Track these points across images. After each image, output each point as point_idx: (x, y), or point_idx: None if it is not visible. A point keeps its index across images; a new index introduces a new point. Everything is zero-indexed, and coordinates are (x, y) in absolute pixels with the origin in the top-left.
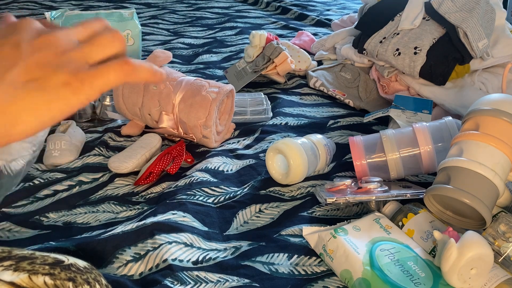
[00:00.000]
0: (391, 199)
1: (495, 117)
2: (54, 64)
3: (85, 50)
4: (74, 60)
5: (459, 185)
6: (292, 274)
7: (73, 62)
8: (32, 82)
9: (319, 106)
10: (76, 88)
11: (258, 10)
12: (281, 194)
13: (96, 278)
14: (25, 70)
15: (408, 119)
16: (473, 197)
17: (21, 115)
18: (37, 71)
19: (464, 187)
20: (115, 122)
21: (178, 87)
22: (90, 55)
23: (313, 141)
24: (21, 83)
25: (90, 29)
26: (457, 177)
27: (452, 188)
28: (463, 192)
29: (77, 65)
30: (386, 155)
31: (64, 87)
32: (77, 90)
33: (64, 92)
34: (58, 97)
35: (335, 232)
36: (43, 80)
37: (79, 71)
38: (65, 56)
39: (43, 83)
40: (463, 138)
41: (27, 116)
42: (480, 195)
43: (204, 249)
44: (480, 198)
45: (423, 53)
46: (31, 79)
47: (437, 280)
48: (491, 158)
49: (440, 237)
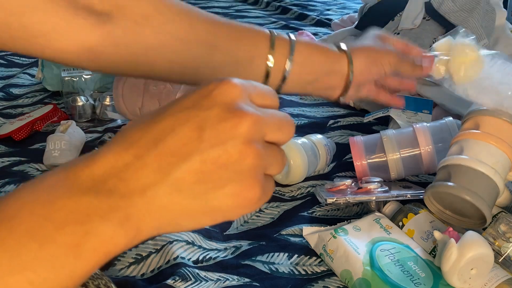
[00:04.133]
0: (391, 199)
1: (495, 117)
2: (237, 170)
3: (271, 152)
4: (256, 165)
5: (460, 183)
6: (292, 273)
7: (255, 167)
8: (200, 187)
9: (319, 106)
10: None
11: (258, 10)
12: (281, 194)
13: (106, 284)
14: (198, 169)
15: (409, 119)
16: (474, 194)
17: (176, 220)
18: (211, 173)
19: (465, 185)
20: (115, 122)
21: (178, 87)
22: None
23: (313, 141)
24: (187, 185)
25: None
26: (458, 174)
27: (453, 185)
28: (464, 189)
29: (256, 172)
30: (387, 155)
31: (233, 198)
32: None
33: (230, 204)
34: (220, 209)
35: (335, 232)
36: (213, 187)
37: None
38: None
39: (213, 191)
40: (463, 137)
41: (182, 221)
42: (481, 193)
43: (205, 249)
44: (480, 195)
45: None
46: (200, 182)
47: (437, 280)
48: (491, 156)
49: (441, 237)
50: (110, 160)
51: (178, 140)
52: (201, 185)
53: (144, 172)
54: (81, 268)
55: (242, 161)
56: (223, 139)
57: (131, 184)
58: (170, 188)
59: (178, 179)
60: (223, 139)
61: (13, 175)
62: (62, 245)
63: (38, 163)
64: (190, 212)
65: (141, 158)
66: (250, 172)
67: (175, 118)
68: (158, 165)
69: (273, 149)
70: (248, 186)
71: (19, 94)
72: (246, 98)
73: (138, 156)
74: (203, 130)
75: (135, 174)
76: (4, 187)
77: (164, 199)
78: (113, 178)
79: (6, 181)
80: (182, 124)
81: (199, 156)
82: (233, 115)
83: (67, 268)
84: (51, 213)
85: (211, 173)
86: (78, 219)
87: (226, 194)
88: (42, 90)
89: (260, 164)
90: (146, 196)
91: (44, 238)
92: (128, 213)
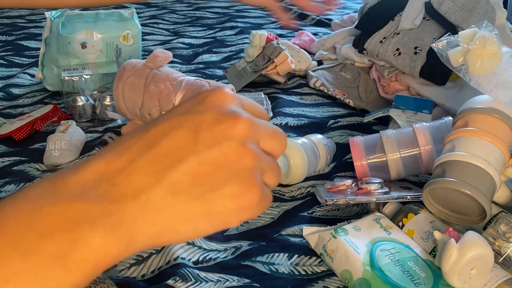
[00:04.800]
0: (391, 201)
1: (484, 114)
2: (234, 169)
3: (266, 158)
4: (253, 165)
5: (455, 177)
6: (292, 274)
7: (252, 168)
8: (197, 189)
9: (319, 106)
10: (249, 204)
11: (258, 10)
12: (281, 194)
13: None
14: (194, 171)
15: (408, 119)
16: (469, 185)
17: (172, 226)
18: (208, 174)
19: (459, 178)
20: (115, 122)
21: (178, 87)
22: (264, 164)
23: (313, 141)
24: (184, 187)
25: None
26: (452, 170)
27: (448, 180)
28: (459, 182)
29: (254, 173)
30: (387, 155)
31: (233, 200)
32: (250, 206)
33: (230, 207)
34: (220, 212)
35: (335, 232)
36: (211, 189)
37: (257, 182)
38: (247, 157)
39: (210, 192)
40: (454, 135)
41: (180, 228)
42: (476, 184)
43: (205, 249)
44: (476, 187)
45: (423, 53)
46: (196, 184)
47: (438, 280)
48: (483, 149)
49: (441, 237)
50: (101, 166)
51: (173, 143)
52: (198, 187)
53: (137, 175)
54: (69, 280)
55: (239, 161)
56: (219, 140)
57: (124, 188)
58: (166, 191)
59: (173, 181)
60: (219, 140)
61: (13, 174)
62: (47, 255)
63: (38, 163)
64: (188, 216)
65: (134, 163)
66: (248, 172)
67: (168, 123)
68: (152, 168)
69: (268, 157)
70: (246, 186)
71: (19, 94)
72: (239, 104)
73: (131, 161)
74: (198, 133)
75: (128, 178)
76: (5, 187)
77: (160, 203)
78: (105, 183)
79: (6, 181)
80: (177, 128)
81: (195, 158)
82: (228, 117)
83: (53, 280)
84: (35, 222)
85: (208, 174)
86: (65, 227)
87: (225, 195)
88: (42, 90)
89: (258, 165)
90: (140, 199)
91: (28, 248)
92: (120, 219)
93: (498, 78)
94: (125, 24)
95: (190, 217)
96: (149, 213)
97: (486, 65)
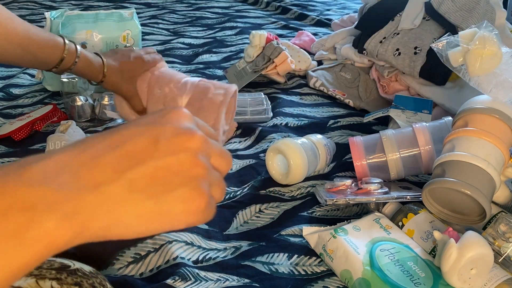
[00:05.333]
0: (391, 201)
1: (484, 114)
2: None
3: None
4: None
5: (454, 177)
6: (292, 274)
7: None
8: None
9: (319, 106)
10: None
11: (258, 10)
12: (281, 194)
13: (101, 282)
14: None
15: (408, 119)
16: (468, 185)
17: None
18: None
19: (459, 178)
20: (115, 122)
21: (183, 90)
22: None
23: (313, 141)
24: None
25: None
26: (451, 170)
27: (447, 179)
28: (459, 182)
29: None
30: (386, 155)
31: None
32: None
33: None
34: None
35: (335, 232)
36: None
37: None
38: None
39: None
40: (453, 135)
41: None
42: (475, 184)
43: (204, 249)
44: (475, 187)
45: (423, 53)
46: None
47: (437, 280)
48: (482, 149)
49: (440, 237)
50: (66, 158)
51: (135, 147)
52: (153, 188)
53: (99, 170)
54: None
55: (192, 170)
56: (176, 150)
57: (84, 180)
58: (123, 187)
59: (131, 179)
60: (176, 150)
61: None
62: (4, 231)
63: None
64: (140, 213)
65: (97, 159)
66: (198, 181)
67: (133, 130)
68: (113, 166)
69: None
70: (196, 192)
71: (19, 94)
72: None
73: (95, 157)
74: (159, 141)
75: (89, 172)
76: None
77: (116, 197)
78: (67, 173)
79: None
80: (140, 135)
81: (153, 162)
82: (186, 132)
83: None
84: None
85: (163, 178)
86: (23, 207)
87: (176, 198)
88: (42, 90)
89: (207, 177)
90: (99, 191)
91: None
92: (76, 207)
93: (497, 78)
94: (125, 24)
95: (142, 213)
96: (105, 205)
97: (485, 65)
